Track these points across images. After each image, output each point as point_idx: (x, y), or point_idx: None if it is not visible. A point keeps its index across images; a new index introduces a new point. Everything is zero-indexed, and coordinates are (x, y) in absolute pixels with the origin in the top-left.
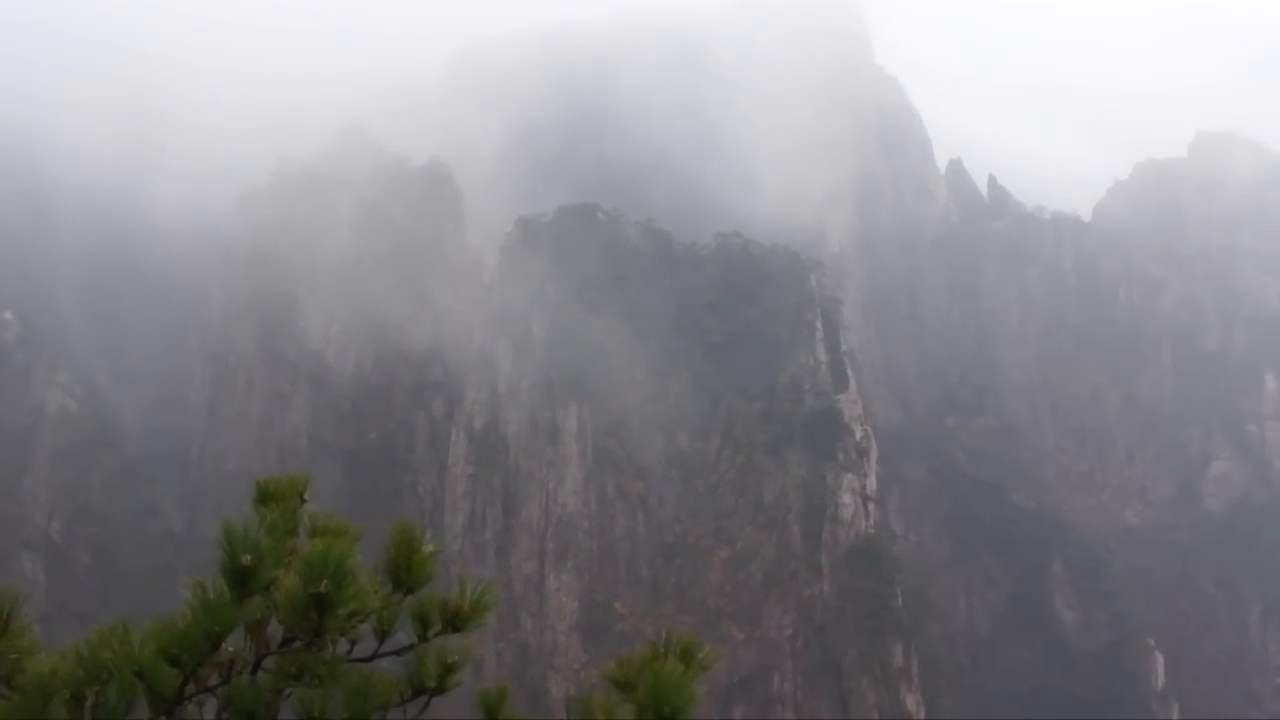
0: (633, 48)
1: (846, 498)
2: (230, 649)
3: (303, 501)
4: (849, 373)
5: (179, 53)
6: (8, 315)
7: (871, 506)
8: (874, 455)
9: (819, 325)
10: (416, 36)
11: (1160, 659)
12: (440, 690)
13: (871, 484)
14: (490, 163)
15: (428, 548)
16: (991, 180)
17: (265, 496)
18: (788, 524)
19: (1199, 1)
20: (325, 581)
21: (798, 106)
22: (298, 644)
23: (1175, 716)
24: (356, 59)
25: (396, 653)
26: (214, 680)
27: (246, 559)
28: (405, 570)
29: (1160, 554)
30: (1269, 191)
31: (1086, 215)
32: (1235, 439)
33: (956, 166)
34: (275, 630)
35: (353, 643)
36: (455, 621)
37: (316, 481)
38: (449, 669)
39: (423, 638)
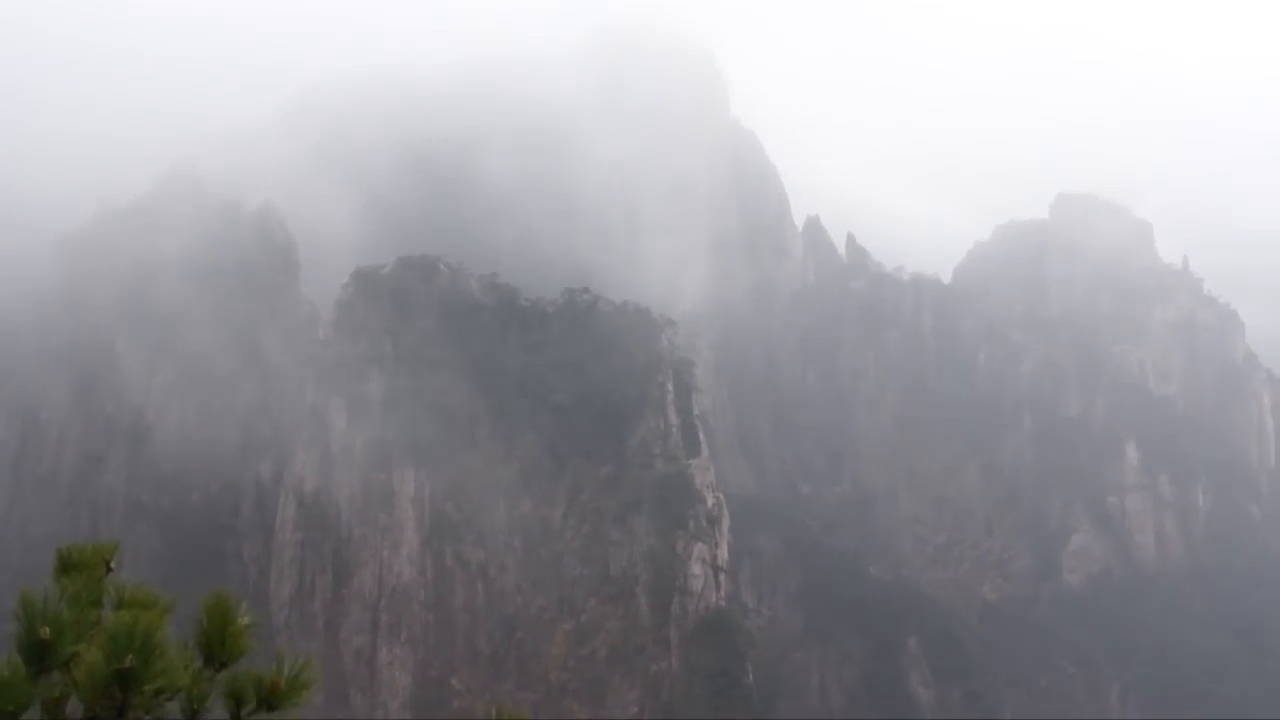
0: (476, 94)
1: (696, 568)
2: None
3: (109, 570)
4: (701, 437)
5: None
6: None
7: (722, 578)
8: (725, 524)
9: (670, 387)
10: (248, 76)
11: None
12: None
13: (723, 554)
14: (326, 211)
15: (243, 619)
16: (850, 239)
17: (68, 565)
18: (635, 595)
19: (1061, 65)
20: (130, 656)
21: (651, 156)
22: None
23: None
24: (182, 98)
25: None
26: None
27: (45, 632)
28: (218, 644)
29: (1019, 630)
30: (1130, 256)
31: (946, 277)
32: (1095, 511)
33: (814, 224)
34: (75, 708)
35: None
36: (271, 699)
37: (133, 547)
38: None
39: (235, 716)
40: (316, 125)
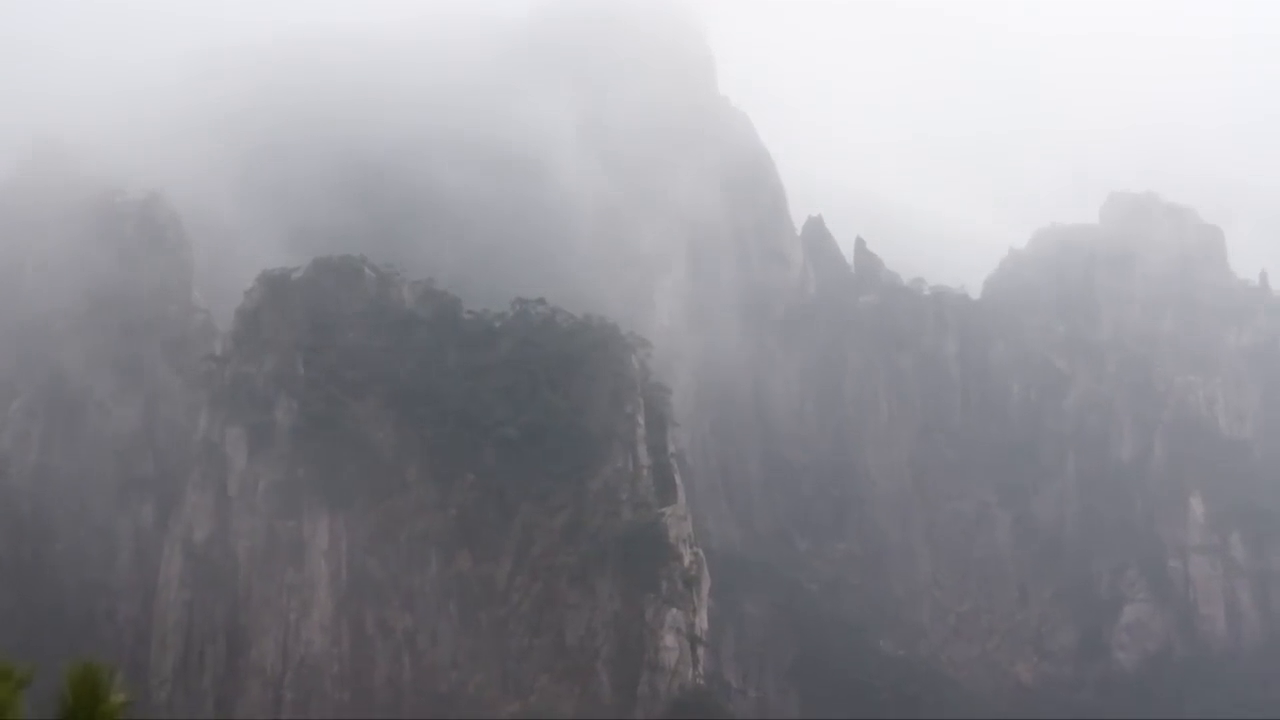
0: (424, 60)
1: (670, 639)
2: None
3: None
4: (677, 480)
5: None
6: None
7: (701, 651)
8: (706, 586)
9: (641, 419)
10: (138, 30)
11: None
12: None
13: (702, 622)
14: (229, 203)
15: (117, 697)
16: (859, 244)
17: None
18: (595, 671)
19: (1118, 39)
20: None
21: (621, 142)
22: None
23: None
24: (53, 57)
25: None
26: None
27: None
28: None
29: (1060, 718)
30: (1196, 268)
31: (975, 292)
32: (1153, 577)
33: (816, 226)
34: None
35: None
36: None
37: None
38: None
39: None
40: (222, 96)
